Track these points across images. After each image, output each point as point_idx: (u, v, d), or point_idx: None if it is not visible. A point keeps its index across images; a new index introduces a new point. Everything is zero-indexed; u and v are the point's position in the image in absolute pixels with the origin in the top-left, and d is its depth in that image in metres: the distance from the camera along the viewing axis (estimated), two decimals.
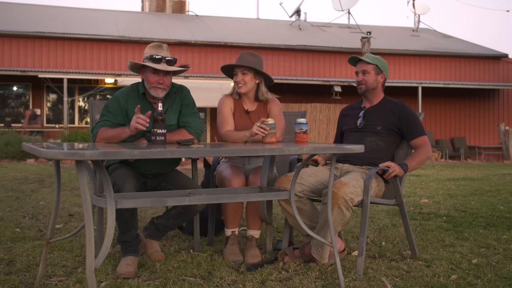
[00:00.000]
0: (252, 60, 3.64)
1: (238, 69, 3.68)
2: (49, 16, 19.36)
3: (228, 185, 3.47)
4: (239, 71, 3.67)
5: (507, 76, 20.51)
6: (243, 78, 3.66)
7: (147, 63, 3.32)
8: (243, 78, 3.66)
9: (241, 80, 3.67)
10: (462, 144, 19.52)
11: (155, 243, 3.51)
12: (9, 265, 3.28)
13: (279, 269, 3.25)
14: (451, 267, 3.31)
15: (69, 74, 15.53)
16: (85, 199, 2.37)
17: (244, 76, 3.66)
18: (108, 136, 3.23)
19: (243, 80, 3.66)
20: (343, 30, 22.33)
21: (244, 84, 3.68)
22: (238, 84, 3.69)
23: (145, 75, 3.39)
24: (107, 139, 3.24)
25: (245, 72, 3.66)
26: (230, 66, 3.76)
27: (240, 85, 3.68)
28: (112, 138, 3.22)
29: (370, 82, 3.64)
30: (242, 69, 3.66)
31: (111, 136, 3.23)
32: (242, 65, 3.63)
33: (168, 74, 3.38)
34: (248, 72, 3.66)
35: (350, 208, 3.20)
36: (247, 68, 3.65)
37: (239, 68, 3.67)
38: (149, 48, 3.41)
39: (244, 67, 3.65)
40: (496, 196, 6.50)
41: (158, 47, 3.40)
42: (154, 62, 3.31)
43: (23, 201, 5.87)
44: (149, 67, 3.33)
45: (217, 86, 15.94)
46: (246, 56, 3.66)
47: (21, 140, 13.00)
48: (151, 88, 3.36)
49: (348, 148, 2.89)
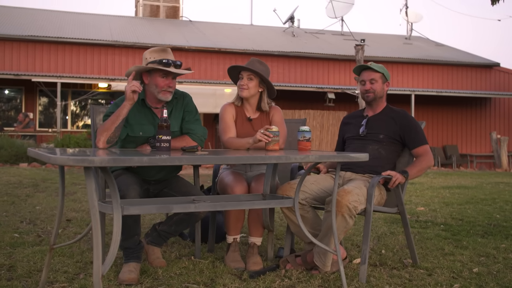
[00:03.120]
0: (260, 68, 3.65)
1: (244, 73, 3.68)
2: (43, 20, 19.29)
3: (230, 192, 3.47)
4: (245, 75, 3.67)
5: (499, 84, 20.66)
6: (248, 83, 3.66)
7: (159, 67, 3.29)
8: (248, 83, 3.66)
9: (246, 84, 3.67)
10: (454, 152, 19.62)
11: (156, 250, 3.50)
12: (10, 271, 3.26)
13: (281, 276, 3.25)
14: (452, 275, 3.33)
15: (63, 78, 15.46)
16: (92, 205, 2.36)
17: (249, 81, 3.66)
18: (107, 125, 3.13)
19: (247, 85, 3.67)
20: (337, 37, 22.41)
21: (247, 89, 3.68)
22: (242, 87, 3.69)
23: (152, 80, 3.36)
24: (106, 129, 3.12)
25: (251, 78, 3.66)
26: (237, 67, 3.73)
27: (243, 88, 3.68)
28: (112, 124, 3.12)
29: (378, 90, 3.66)
30: (249, 74, 3.66)
31: (110, 123, 3.13)
32: (250, 68, 3.63)
33: (175, 77, 3.39)
34: (254, 78, 3.66)
35: (354, 216, 3.21)
36: (254, 74, 3.65)
37: (246, 72, 3.67)
38: (153, 52, 3.37)
39: (251, 72, 3.65)
40: (491, 205, 6.54)
41: (163, 52, 3.38)
42: (165, 66, 3.30)
43: (19, 206, 5.83)
44: (157, 72, 3.32)
45: (210, 92, 15.95)
46: (255, 63, 3.67)
47: (14, 144, 12.92)
48: (160, 92, 3.35)
49: (353, 157, 2.91)
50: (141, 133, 3.36)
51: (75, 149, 3.10)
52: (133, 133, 3.33)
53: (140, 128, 3.36)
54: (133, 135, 3.33)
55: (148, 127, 3.39)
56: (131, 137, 3.34)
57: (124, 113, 3.14)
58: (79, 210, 5.58)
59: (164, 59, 3.29)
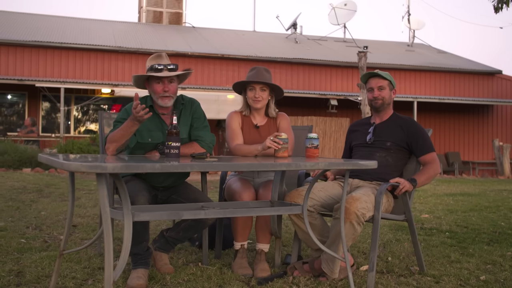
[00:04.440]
0: (268, 77, 3.70)
1: (256, 85, 3.71)
2: (47, 25, 19.35)
3: (238, 199, 3.48)
4: (258, 87, 3.70)
5: (501, 92, 20.68)
6: (261, 94, 3.70)
7: (150, 73, 3.36)
8: (261, 94, 3.70)
9: (260, 96, 3.71)
10: (457, 159, 19.62)
11: (164, 256, 3.51)
12: (19, 276, 3.27)
13: (289, 283, 3.26)
14: (460, 283, 3.33)
15: (66, 83, 15.48)
16: (104, 211, 2.38)
17: (263, 93, 3.70)
18: (116, 137, 3.18)
19: (261, 97, 3.71)
20: (339, 44, 22.46)
21: (262, 100, 3.73)
22: (256, 100, 3.72)
23: (151, 87, 3.44)
24: (115, 140, 3.18)
25: (264, 89, 3.70)
26: (251, 82, 3.71)
27: (258, 100, 3.72)
28: (120, 138, 3.17)
29: (386, 97, 3.68)
30: (261, 85, 3.69)
31: (119, 136, 3.17)
32: (265, 82, 3.67)
33: (172, 81, 3.41)
34: (267, 89, 3.71)
35: (362, 223, 3.22)
36: (266, 85, 3.69)
37: (258, 84, 3.70)
38: (150, 60, 3.46)
39: (263, 84, 3.68)
40: (495, 212, 6.54)
41: (158, 57, 3.45)
42: (156, 72, 3.36)
43: (24, 211, 5.84)
44: (153, 78, 3.38)
45: (213, 98, 15.97)
46: (263, 72, 3.70)
47: (18, 149, 12.92)
48: (158, 99, 3.40)
49: (362, 164, 2.92)
50: (150, 140, 3.37)
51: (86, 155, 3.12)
52: (142, 140, 3.34)
53: (148, 135, 3.38)
54: (142, 142, 3.35)
55: (157, 133, 3.41)
56: (140, 143, 3.35)
57: (134, 130, 3.18)
58: (84, 216, 5.58)
59: (156, 65, 3.36)
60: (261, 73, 3.69)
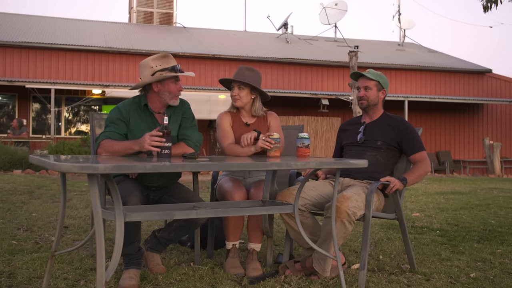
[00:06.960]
0: (249, 75, 3.72)
1: (235, 84, 3.75)
2: (37, 26, 19.27)
3: (230, 199, 3.49)
4: (235, 85, 3.75)
5: (491, 91, 20.81)
6: (239, 92, 3.74)
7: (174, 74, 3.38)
8: (239, 92, 3.74)
9: (237, 94, 3.75)
10: (447, 157, 19.72)
11: (156, 256, 3.51)
12: (10, 278, 3.26)
13: (281, 282, 3.27)
14: (450, 281, 3.36)
15: (57, 84, 15.43)
16: (96, 212, 2.38)
17: (240, 91, 3.75)
18: (113, 150, 3.23)
19: (239, 95, 3.74)
20: (330, 43, 22.51)
21: (240, 99, 3.76)
22: (234, 98, 3.78)
23: (165, 87, 3.42)
24: (111, 153, 3.23)
25: (242, 87, 3.73)
26: (227, 80, 3.84)
27: (235, 98, 3.77)
28: (117, 153, 3.22)
29: (371, 98, 3.70)
30: (239, 84, 3.72)
31: (116, 151, 3.22)
32: (239, 80, 3.70)
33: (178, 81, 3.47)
34: (245, 88, 3.74)
35: (353, 222, 3.24)
36: (244, 84, 3.71)
37: (236, 83, 3.73)
38: (157, 60, 3.41)
39: (240, 82, 3.71)
40: (486, 210, 6.59)
41: (167, 58, 3.46)
42: (177, 72, 3.40)
43: (15, 213, 5.82)
44: (170, 78, 3.40)
45: (205, 98, 15.97)
46: (244, 71, 3.75)
47: (7, 150, 12.85)
48: (173, 98, 3.42)
49: (353, 163, 2.94)
50: None
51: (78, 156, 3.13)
52: (133, 139, 3.34)
53: (140, 134, 3.37)
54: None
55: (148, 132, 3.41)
56: None
57: (132, 152, 3.20)
58: (75, 217, 5.57)
59: (174, 66, 3.40)
60: (241, 72, 3.75)
